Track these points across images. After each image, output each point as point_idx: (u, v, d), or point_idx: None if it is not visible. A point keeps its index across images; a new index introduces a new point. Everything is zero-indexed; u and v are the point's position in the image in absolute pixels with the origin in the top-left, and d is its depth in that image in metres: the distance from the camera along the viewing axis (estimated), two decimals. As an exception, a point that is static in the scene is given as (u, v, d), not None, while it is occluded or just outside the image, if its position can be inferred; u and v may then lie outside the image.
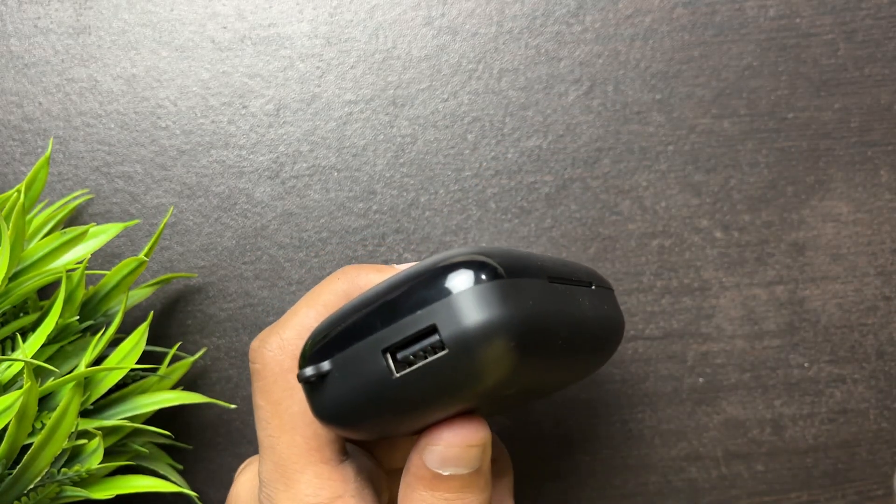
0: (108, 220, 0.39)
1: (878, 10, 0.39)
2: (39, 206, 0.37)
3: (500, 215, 0.39)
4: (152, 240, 0.35)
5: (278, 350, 0.28)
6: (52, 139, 0.39)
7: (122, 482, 0.33)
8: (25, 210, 0.32)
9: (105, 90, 0.40)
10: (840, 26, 0.39)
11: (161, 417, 0.39)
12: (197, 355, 0.37)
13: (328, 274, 0.39)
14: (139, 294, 0.37)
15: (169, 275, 0.38)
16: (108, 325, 0.35)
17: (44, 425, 0.31)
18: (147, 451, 0.35)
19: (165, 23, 0.40)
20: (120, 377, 0.34)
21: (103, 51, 0.40)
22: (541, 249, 0.39)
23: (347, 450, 0.28)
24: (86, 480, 0.32)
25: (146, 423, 0.35)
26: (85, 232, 0.33)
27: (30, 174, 0.34)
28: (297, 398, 0.28)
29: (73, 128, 0.40)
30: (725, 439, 0.39)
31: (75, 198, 0.39)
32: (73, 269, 0.34)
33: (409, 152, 0.40)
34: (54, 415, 0.30)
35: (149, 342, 0.39)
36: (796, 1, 0.39)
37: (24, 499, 0.31)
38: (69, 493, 0.32)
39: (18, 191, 0.32)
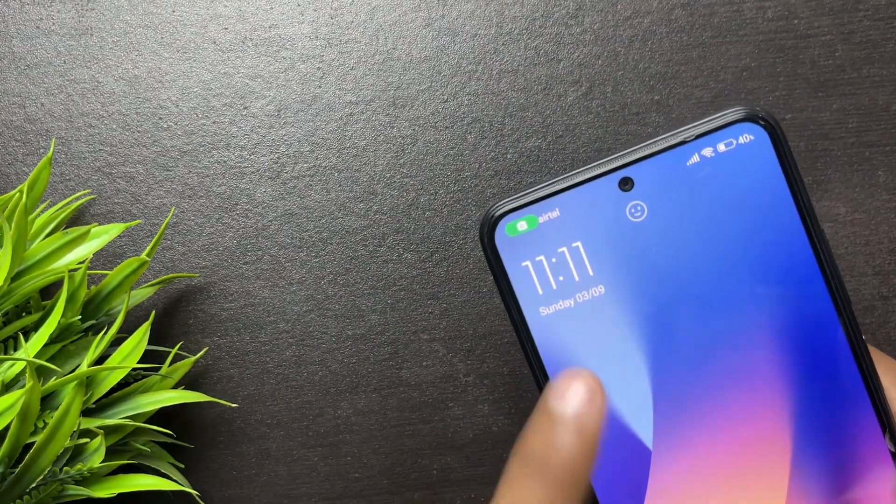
0: (109, 221, 0.40)
1: (875, 12, 0.39)
2: (41, 207, 0.37)
3: (500, 216, 0.39)
4: (154, 240, 0.35)
5: None
6: (54, 140, 0.39)
7: (124, 481, 0.33)
8: (28, 210, 0.32)
9: (107, 91, 0.40)
10: (838, 27, 0.40)
11: (162, 416, 0.39)
12: (198, 355, 0.38)
13: (328, 273, 0.39)
14: (141, 294, 0.37)
15: (171, 275, 0.38)
16: (109, 324, 0.36)
17: (46, 424, 0.32)
18: (149, 449, 0.35)
19: (167, 24, 0.40)
20: (122, 377, 0.34)
21: (105, 52, 0.40)
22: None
23: None
24: (87, 479, 0.33)
25: (148, 422, 0.36)
26: (87, 232, 0.34)
27: (32, 174, 0.34)
28: None
29: (75, 129, 0.40)
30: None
31: (77, 198, 0.39)
32: (75, 270, 0.34)
33: (410, 153, 0.40)
34: (56, 414, 0.30)
35: (150, 342, 0.39)
36: (794, 2, 0.39)
37: (26, 497, 0.31)
38: (71, 492, 0.32)
39: (21, 191, 0.33)
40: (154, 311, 0.37)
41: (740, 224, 0.27)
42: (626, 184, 0.27)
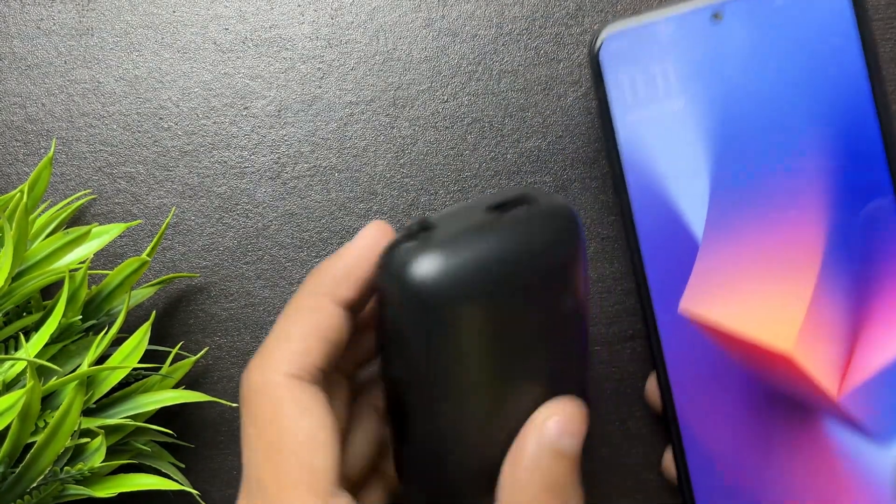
0: (110, 221, 0.40)
1: (875, 12, 0.39)
2: (42, 207, 0.37)
3: (500, 216, 0.39)
4: (154, 240, 0.35)
5: (269, 373, 0.27)
6: (54, 140, 0.39)
7: (125, 480, 0.33)
8: (28, 210, 0.32)
9: (108, 91, 0.40)
10: (838, 28, 0.40)
11: (163, 416, 0.39)
12: (199, 355, 0.38)
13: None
14: (142, 294, 0.37)
15: (171, 275, 0.38)
16: (110, 324, 0.36)
17: (46, 424, 0.32)
18: (149, 449, 0.35)
19: (168, 25, 0.40)
20: (122, 376, 0.34)
21: (106, 52, 0.40)
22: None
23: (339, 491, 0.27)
24: (88, 479, 0.33)
25: (148, 421, 0.36)
26: (87, 232, 0.34)
27: (33, 174, 0.34)
28: (292, 426, 0.26)
29: (75, 129, 0.40)
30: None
31: (78, 198, 0.39)
32: (76, 269, 0.34)
33: (410, 153, 0.40)
34: (57, 414, 0.30)
35: (151, 341, 0.39)
36: (794, 3, 0.40)
37: (26, 497, 0.31)
38: (72, 492, 0.32)
39: (21, 191, 0.33)
40: (154, 311, 0.37)
41: (811, 58, 0.31)
42: (716, 16, 0.32)
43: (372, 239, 0.29)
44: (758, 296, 0.31)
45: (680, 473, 0.32)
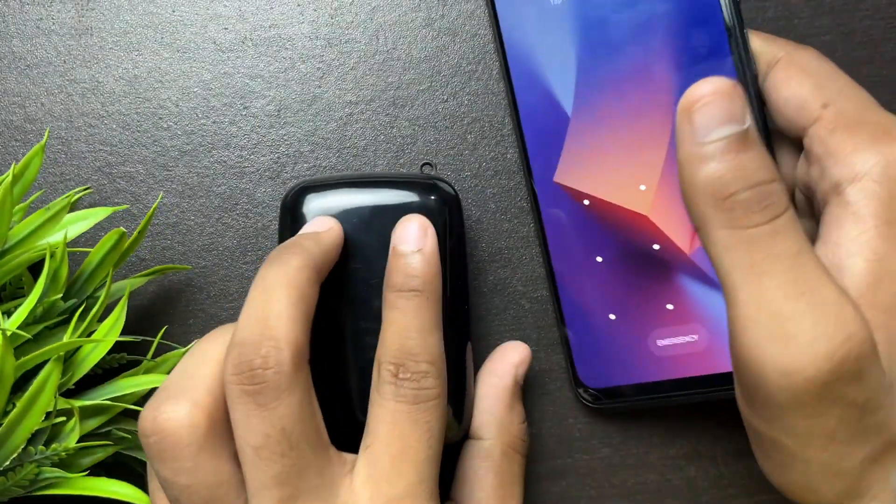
0: (109, 220, 0.40)
1: (876, 11, 0.39)
2: (36, 195, 0.37)
3: (500, 215, 0.39)
4: (142, 224, 0.35)
5: (192, 412, 0.28)
6: (48, 129, 0.39)
7: (95, 483, 0.33)
8: (13, 190, 0.32)
9: (107, 91, 0.40)
10: (838, 27, 0.40)
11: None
12: (189, 346, 0.37)
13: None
14: (134, 283, 0.37)
15: (163, 266, 0.38)
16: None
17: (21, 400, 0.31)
18: (130, 437, 0.35)
19: (167, 24, 0.40)
20: (103, 354, 0.34)
21: (105, 52, 0.40)
22: (540, 249, 0.39)
23: None
24: (66, 463, 0.32)
25: (131, 414, 0.35)
26: (67, 205, 0.34)
27: (24, 159, 0.34)
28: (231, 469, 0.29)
29: (75, 128, 0.40)
30: (724, 438, 0.39)
31: (76, 193, 0.39)
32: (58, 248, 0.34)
33: (410, 153, 0.40)
34: (31, 388, 0.30)
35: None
36: (794, 2, 0.39)
37: (1, 479, 0.31)
38: (47, 475, 0.32)
39: (9, 174, 0.33)
40: (128, 286, 0.36)
41: None
42: None
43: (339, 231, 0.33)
44: (618, 167, 0.36)
45: (556, 310, 0.38)
